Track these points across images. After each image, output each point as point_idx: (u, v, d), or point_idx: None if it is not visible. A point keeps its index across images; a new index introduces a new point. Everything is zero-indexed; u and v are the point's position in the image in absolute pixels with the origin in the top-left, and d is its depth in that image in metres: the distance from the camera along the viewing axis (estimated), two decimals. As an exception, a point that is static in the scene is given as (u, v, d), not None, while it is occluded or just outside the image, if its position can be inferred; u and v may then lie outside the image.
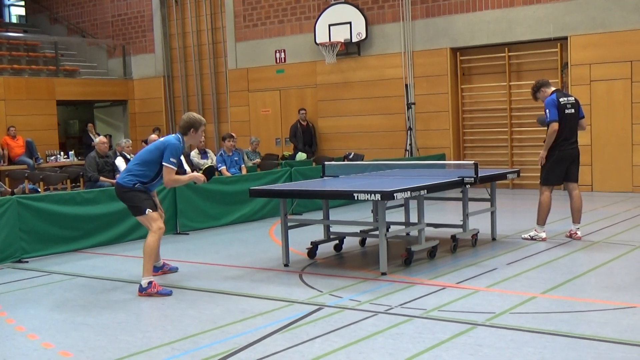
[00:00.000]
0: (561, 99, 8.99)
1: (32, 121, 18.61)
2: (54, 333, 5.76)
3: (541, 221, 9.13)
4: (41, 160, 17.16)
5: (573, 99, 9.17)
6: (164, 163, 7.07)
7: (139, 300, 6.77)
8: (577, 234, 9.06)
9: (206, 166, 7.79)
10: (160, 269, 7.75)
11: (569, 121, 8.97)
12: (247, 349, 5.08)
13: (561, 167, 9.02)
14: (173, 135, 7.34)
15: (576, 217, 9.12)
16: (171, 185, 7.40)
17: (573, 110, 9.03)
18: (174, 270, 7.94)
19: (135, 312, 6.34)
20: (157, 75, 21.17)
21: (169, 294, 6.85)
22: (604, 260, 7.79)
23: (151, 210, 7.10)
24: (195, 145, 7.71)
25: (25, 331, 5.83)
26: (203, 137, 8.46)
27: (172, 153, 7.07)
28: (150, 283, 6.87)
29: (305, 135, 17.59)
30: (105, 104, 22.31)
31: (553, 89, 9.21)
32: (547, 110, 8.91)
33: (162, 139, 7.37)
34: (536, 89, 9.29)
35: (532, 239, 9.10)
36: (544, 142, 9.06)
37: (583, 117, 9.27)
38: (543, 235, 9.10)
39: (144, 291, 6.85)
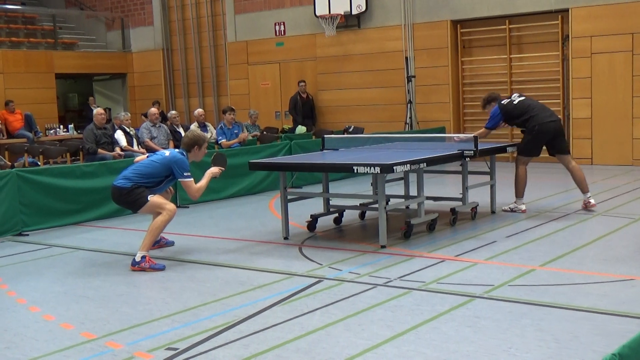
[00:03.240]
0: (503, 101, 9.32)
1: (31, 94, 18.56)
2: (55, 305, 5.79)
3: (520, 194, 9.27)
4: (40, 134, 17.13)
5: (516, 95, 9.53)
6: (180, 180, 7.14)
7: (139, 273, 6.80)
8: (590, 202, 9.11)
9: (212, 156, 7.82)
10: (157, 243, 7.76)
11: (527, 104, 9.20)
12: (247, 321, 5.11)
13: (541, 141, 9.15)
14: (175, 150, 7.38)
15: (584, 187, 9.20)
16: (199, 195, 7.30)
17: (523, 97, 9.34)
18: (170, 244, 7.97)
19: (135, 285, 6.37)
20: (156, 48, 21.07)
21: (162, 268, 6.85)
22: (603, 232, 7.81)
23: (152, 195, 7.10)
24: (197, 161, 7.64)
25: (27, 303, 5.87)
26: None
27: (182, 167, 7.12)
28: (143, 257, 6.88)
29: (304, 108, 17.53)
30: (104, 77, 22.24)
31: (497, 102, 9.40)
32: (490, 118, 9.29)
33: (163, 156, 7.26)
34: (486, 102, 9.53)
35: (512, 211, 9.20)
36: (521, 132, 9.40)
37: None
38: (523, 207, 9.23)
39: (136, 265, 6.86)
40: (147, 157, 7.54)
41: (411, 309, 5.29)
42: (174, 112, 14.84)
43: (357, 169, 7.23)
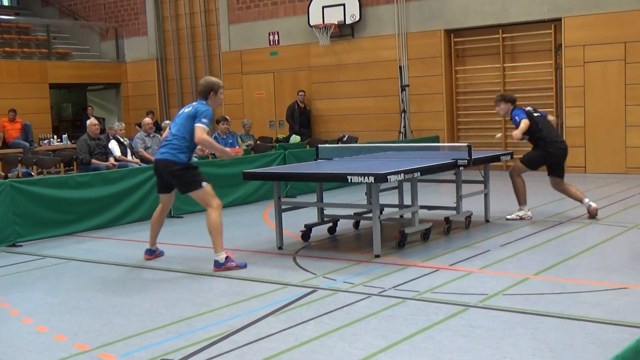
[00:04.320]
0: (527, 108, 9.47)
1: (25, 104, 18.52)
2: (48, 317, 5.77)
3: (523, 201, 9.41)
4: (35, 145, 17.10)
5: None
6: (196, 124, 6.99)
7: (133, 284, 6.79)
8: (591, 206, 9.22)
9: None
10: (152, 253, 7.77)
11: (544, 122, 9.42)
12: (241, 332, 5.10)
13: (548, 161, 9.37)
14: (195, 103, 7.26)
15: (580, 197, 9.35)
16: (203, 143, 7.10)
17: (538, 113, 9.52)
18: (162, 254, 7.93)
19: (129, 296, 6.35)
20: (150, 58, 21.08)
21: (245, 266, 7.04)
22: (597, 241, 7.83)
23: (206, 183, 7.12)
24: (216, 106, 7.56)
25: (20, 315, 5.84)
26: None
27: (204, 114, 7.04)
28: (227, 258, 6.98)
29: (302, 117, 17.57)
30: (98, 87, 22.23)
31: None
32: (516, 116, 9.28)
33: (184, 111, 7.26)
34: (503, 100, 9.58)
35: (521, 218, 9.27)
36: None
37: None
38: (529, 213, 9.36)
39: (222, 266, 6.94)
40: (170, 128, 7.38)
41: (405, 318, 5.29)
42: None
43: (351, 179, 7.23)
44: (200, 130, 6.99)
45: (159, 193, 7.62)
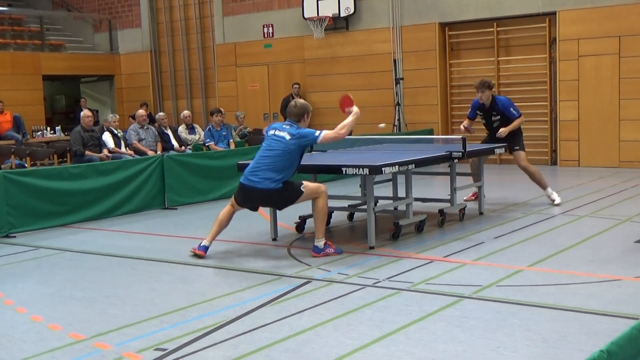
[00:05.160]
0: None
1: (18, 96, 18.45)
2: (42, 307, 5.77)
3: (546, 184, 9.82)
4: (27, 136, 17.04)
5: None
6: (320, 139, 7.00)
7: (127, 274, 6.78)
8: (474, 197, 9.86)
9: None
10: (206, 249, 7.33)
11: None
12: (236, 322, 5.11)
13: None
14: (289, 126, 7.11)
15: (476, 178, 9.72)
16: (346, 133, 7.18)
17: None
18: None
19: (123, 286, 6.35)
20: (144, 50, 21.01)
21: (341, 252, 7.10)
22: (590, 234, 7.85)
23: (304, 182, 7.12)
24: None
25: (14, 305, 5.83)
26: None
27: (309, 133, 7.03)
28: (326, 244, 7.04)
29: (296, 110, 17.51)
30: (91, 79, 22.15)
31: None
32: (512, 108, 9.84)
33: (287, 141, 7.00)
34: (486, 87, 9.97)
35: (554, 203, 9.66)
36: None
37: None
38: (555, 194, 9.81)
39: (321, 252, 7.00)
40: (263, 148, 7.20)
41: (400, 309, 5.30)
42: (161, 113, 14.80)
43: (345, 171, 7.25)
44: (329, 136, 7.03)
45: (240, 205, 7.37)
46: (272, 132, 7.21)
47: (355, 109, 7.45)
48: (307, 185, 7.11)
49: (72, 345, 4.77)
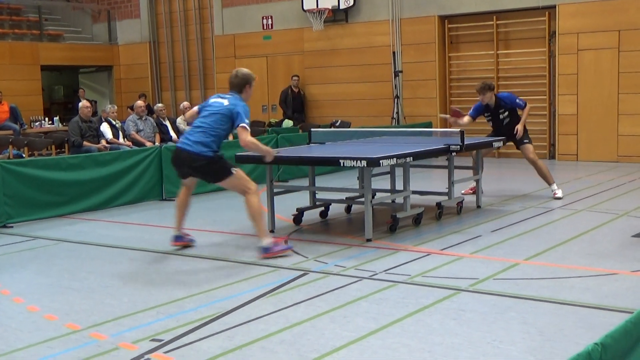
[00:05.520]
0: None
1: (16, 86, 18.40)
2: (39, 297, 5.77)
3: (552, 179, 9.83)
4: (25, 127, 17.01)
5: None
6: (241, 125, 6.73)
7: (124, 265, 6.78)
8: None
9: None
10: (181, 239, 7.38)
11: None
12: (232, 313, 5.11)
13: None
14: (230, 96, 6.98)
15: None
16: (249, 147, 6.86)
17: None
18: (193, 243, 7.51)
19: (120, 277, 6.35)
20: (142, 41, 20.96)
21: (291, 247, 6.92)
22: (587, 228, 7.86)
23: (237, 168, 6.90)
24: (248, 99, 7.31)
25: (10, 295, 5.83)
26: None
27: (246, 114, 6.85)
28: (273, 242, 6.76)
29: (295, 102, 17.52)
30: (90, 69, 22.10)
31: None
32: (517, 100, 9.98)
33: (222, 103, 6.93)
34: (488, 89, 9.99)
35: (558, 198, 9.64)
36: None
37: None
38: (560, 193, 9.80)
39: (269, 251, 6.67)
40: (199, 112, 7.07)
41: (396, 301, 5.30)
42: (160, 105, 14.77)
43: (343, 163, 7.24)
44: (245, 132, 6.74)
45: (182, 178, 7.23)
46: (212, 100, 7.13)
47: (269, 150, 7.24)
48: (240, 172, 6.91)
49: (68, 335, 4.77)
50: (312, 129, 10.15)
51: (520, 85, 15.13)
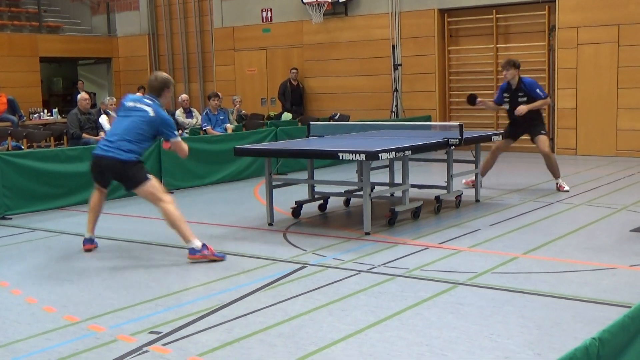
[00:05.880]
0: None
1: (15, 78, 18.38)
2: (37, 289, 5.77)
3: (559, 172, 9.88)
4: (24, 118, 16.99)
5: None
6: (173, 140, 6.74)
7: (122, 258, 6.78)
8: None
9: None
10: (93, 242, 7.20)
11: None
12: (230, 306, 5.12)
13: None
14: (151, 102, 6.75)
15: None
16: (186, 155, 6.99)
17: None
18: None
19: (119, 269, 6.35)
20: (141, 33, 20.92)
21: (224, 258, 6.50)
22: (586, 222, 7.87)
23: (152, 175, 6.74)
24: (165, 105, 7.19)
25: (9, 286, 5.84)
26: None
27: (172, 126, 6.82)
28: (204, 245, 6.46)
29: (294, 95, 17.50)
30: (89, 61, 22.07)
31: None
32: (537, 89, 9.92)
33: (146, 112, 6.68)
34: (512, 66, 10.01)
35: (565, 190, 9.70)
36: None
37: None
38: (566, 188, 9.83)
39: (197, 253, 6.42)
40: (118, 117, 6.89)
41: (394, 295, 5.31)
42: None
43: (342, 156, 7.23)
44: (181, 145, 6.79)
45: (102, 186, 7.01)
46: (131, 103, 6.84)
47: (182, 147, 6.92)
48: (155, 182, 6.71)
49: (66, 327, 4.77)
50: (311, 122, 10.14)
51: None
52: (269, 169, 8.07)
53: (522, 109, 9.73)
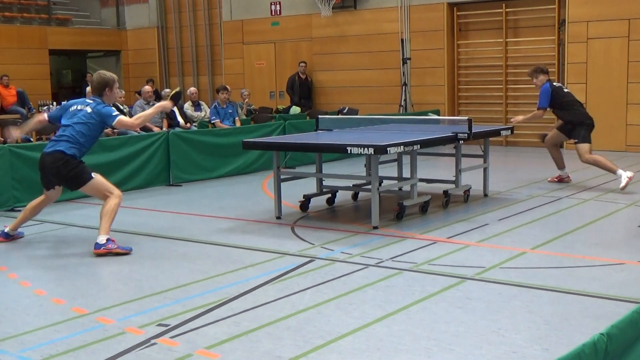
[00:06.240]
0: (554, 83, 10.13)
1: (24, 70, 18.44)
2: (46, 281, 5.80)
3: (614, 168, 9.61)
4: (33, 110, 17.04)
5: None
6: (118, 119, 6.72)
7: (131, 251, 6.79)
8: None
9: (174, 91, 7.24)
10: (9, 236, 7.23)
11: (574, 98, 10.14)
12: (238, 299, 5.13)
13: (590, 131, 10.03)
14: (92, 102, 6.82)
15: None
16: (140, 123, 6.97)
17: (567, 90, 10.24)
18: (21, 235, 7.40)
19: (127, 262, 6.37)
20: (150, 26, 20.94)
21: (130, 251, 6.55)
22: (594, 217, 7.84)
23: (101, 177, 6.75)
24: (113, 102, 7.19)
25: (18, 278, 5.86)
26: (121, 93, 7.40)
27: (109, 108, 6.77)
28: (108, 239, 6.49)
29: (302, 89, 17.48)
30: (98, 54, 22.11)
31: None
32: (541, 97, 9.84)
33: (86, 108, 6.76)
34: (536, 72, 9.96)
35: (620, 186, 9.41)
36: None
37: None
38: (628, 173, 9.50)
39: (102, 247, 6.43)
40: (62, 123, 6.85)
41: (402, 289, 5.31)
42: (167, 90, 14.78)
43: (350, 150, 7.22)
44: (124, 121, 6.78)
45: (45, 189, 7.04)
46: (73, 107, 6.88)
47: (163, 103, 6.99)
48: (100, 180, 6.73)
49: (75, 319, 4.79)
50: (320, 116, 10.13)
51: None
52: (277, 163, 8.07)
53: (517, 119, 10.11)
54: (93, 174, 6.74)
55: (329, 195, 8.91)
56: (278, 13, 18.48)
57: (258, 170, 11.98)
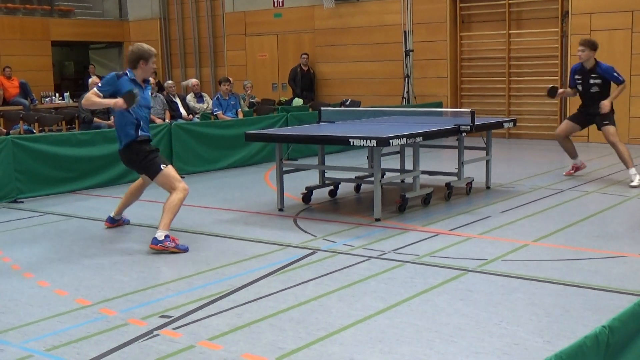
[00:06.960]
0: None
1: (27, 62, 18.43)
2: (49, 272, 5.81)
3: (631, 163, 9.38)
4: (36, 102, 17.06)
5: None
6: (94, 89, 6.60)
7: (133, 242, 6.81)
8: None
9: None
10: (115, 221, 7.39)
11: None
12: (241, 291, 5.14)
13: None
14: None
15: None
16: (86, 104, 6.67)
17: None
18: (127, 222, 7.54)
19: (130, 253, 6.39)
20: (153, 17, 20.91)
21: (186, 250, 6.33)
22: (597, 210, 7.84)
23: (165, 165, 6.61)
24: (147, 77, 6.96)
25: (21, 270, 5.88)
26: (155, 67, 7.28)
27: (102, 82, 6.68)
28: (167, 236, 6.31)
29: (304, 81, 17.46)
30: (100, 45, 22.09)
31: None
32: (615, 73, 9.43)
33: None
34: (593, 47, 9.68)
35: (632, 184, 9.17)
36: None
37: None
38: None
39: (159, 244, 6.26)
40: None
41: (404, 281, 5.32)
42: (170, 82, 14.76)
43: (353, 142, 7.22)
44: (90, 93, 6.58)
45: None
46: None
47: (116, 100, 6.49)
48: (171, 172, 6.60)
49: (78, 310, 4.81)
50: (322, 108, 10.12)
51: (532, 66, 15.05)
52: (279, 155, 8.08)
53: (605, 107, 9.36)
54: (163, 166, 6.57)
55: (332, 187, 8.92)
56: (280, 5, 18.45)
57: (260, 162, 11.98)
